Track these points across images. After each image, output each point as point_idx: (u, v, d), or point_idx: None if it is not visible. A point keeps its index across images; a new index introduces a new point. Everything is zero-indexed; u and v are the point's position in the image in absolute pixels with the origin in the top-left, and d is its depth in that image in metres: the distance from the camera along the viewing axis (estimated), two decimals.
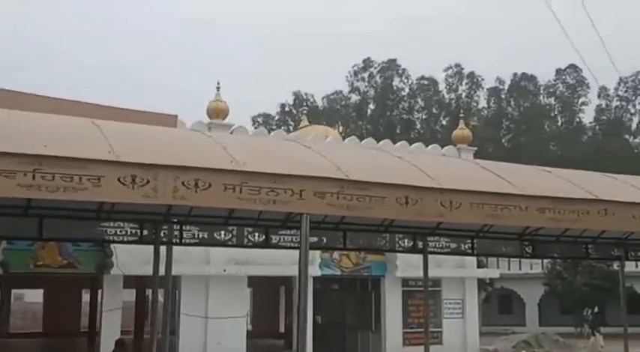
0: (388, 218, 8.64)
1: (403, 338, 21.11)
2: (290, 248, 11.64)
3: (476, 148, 22.42)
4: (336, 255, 20.33)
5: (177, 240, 10.78)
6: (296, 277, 19.60)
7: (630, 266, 38.50)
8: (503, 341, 27.92)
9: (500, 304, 48.14)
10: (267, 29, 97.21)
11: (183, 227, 10.75)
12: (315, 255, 19.50)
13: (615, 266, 27.96)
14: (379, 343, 21.44)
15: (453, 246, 13.20)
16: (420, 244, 12.74)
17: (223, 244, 11.15)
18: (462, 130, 22.58)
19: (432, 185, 7.35)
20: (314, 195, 6.73)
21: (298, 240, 11.84)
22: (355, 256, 20.71)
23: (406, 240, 12.72)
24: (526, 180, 8.42)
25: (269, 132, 22.33)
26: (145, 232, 10.47)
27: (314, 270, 19.89)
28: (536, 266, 42.61)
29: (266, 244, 11.31)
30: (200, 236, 10.94)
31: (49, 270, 17.04)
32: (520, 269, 43.61)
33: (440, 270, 21.29)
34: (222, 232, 11.11)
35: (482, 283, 38.00)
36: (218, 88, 18.98)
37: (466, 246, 13.27)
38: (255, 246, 11.37)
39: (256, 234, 11.30)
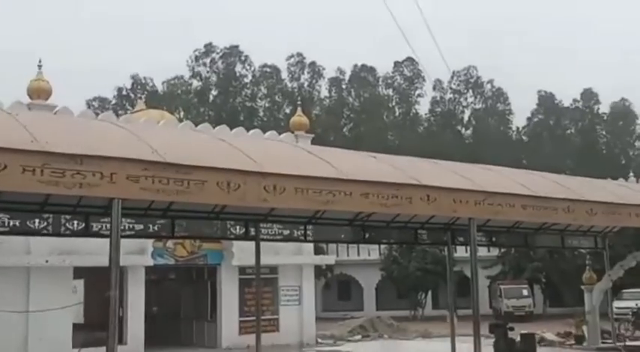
0: (210, 203, 8.30)
1: (239, 326, 20.91)
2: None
3: (313, 135, 22.55)
4: (170, 243, 19.72)
5: None
6: (128, 267, 19.03)
7: (460, 251, 40.62)
8: (340, 326, 28.43)
9: (339, 290, 49.17)
10: (104, 10, 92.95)
11: None
12: (147, 244, 18.81)
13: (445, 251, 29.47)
14: (215, 332, 21.11)
15: (286, 232, 13.10)
16: (253, 231, 12.53)
17: (37, 233, 10.36)
18: (299, 117, 22.61)
19: (254, 169, 7.11)
20: (126, 179, 6.28)
21: (122, 227, 11.38)
22: (190, 244, 20.21)
23: (238, 227, 12.45)
24: (351, 166, 8.38)
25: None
26: None
27: (146, 260, 19.21)
28: (373, 253, 43.85)
29: (86, 232, 10.63)
30: (11, 224, 10.08)
31: None
32: (358, 255, 44.73)
33: (277, 258, 21.28)
34: (37, 220, 10.31)
35: (321, 270, 38.68)
36: (40, 66, 17.74)
37: (299, 233, 13.22)
38: (74, 234, 10.67)
39: (75, 222, 10.59)
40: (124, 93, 66.14)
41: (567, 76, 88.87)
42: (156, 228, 11.49)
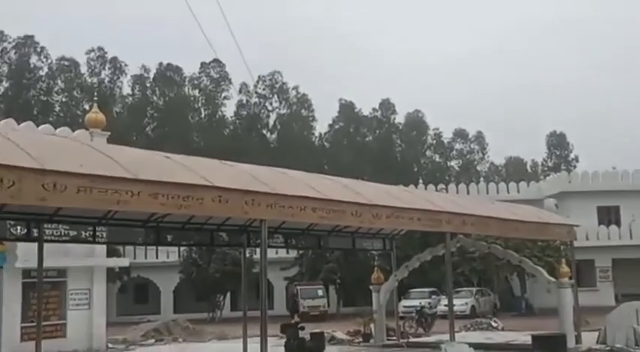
0: None
1: (21, 332, 19.60)
2: None
3: (109, 133, 21.70)
4: None
5: None
6: None
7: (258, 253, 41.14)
8: (134, 330, 27.61)
9: (136, 293, 47.83)
10: None
11: None
12: None
13: (248, 253, 29.64)
14: None
15: (73, 233, 12.45)
16: (36, 232, 11.77)
17: None
18: (95, 114, 21.65)
19: (32, 165, 6.68)
20: None
21: None
22: None
23: (19, 227, 11.65)
24: (142, 165, 8.16)
25: None
26: None
27: None
28: (172, 255, 42.93)
29: None
30: None
31: None
32: (157, 257, 43.66)
33: (66, 260, 20.26)
34: None
35: (117, 273, 37.34)
36: None
37: (87, 234, 12.62)
38: None
39: None
40: None
41: (367, 87, 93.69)
42: None
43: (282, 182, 10.08)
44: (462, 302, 34.33)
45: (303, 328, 16.78)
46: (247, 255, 17.74)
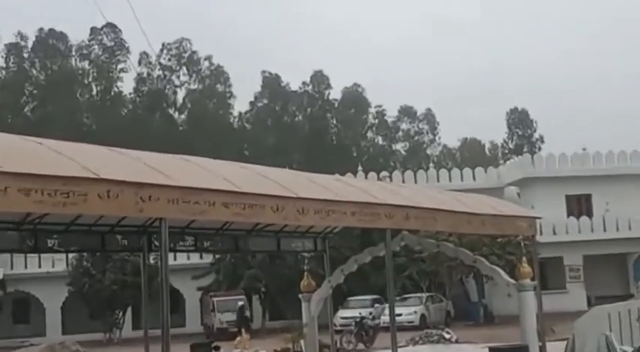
0: None
1: None
2: None
3: None
4: None
5: None
6: None
7: (169, 259, 40.76)
8: None
9: (15, 311, 46.84)
10: None
11: None
12: None
13: (152, 259, 29.17)
14: None
15: None
16: None
17: None
18: None
19: None
20: None
21: None
22: None
23: None
24: (10, 154, 7.93)
25: None
26: None
27: None
28: (59, 263, 42.24)
29: None
30: None
31: None
32: (39, 267, 42.84)
33: None
34: None
35: None
36: None
37: None
38: None
39: None
40: None
41: (296, 57, 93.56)
42: None
43: (186, 172, 9.96)
44: (409, 311, 34.84)
45: (218, 348, 16.70)
46: (151, 261, 17.51)
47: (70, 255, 38.99)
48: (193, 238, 16.00)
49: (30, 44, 68.14)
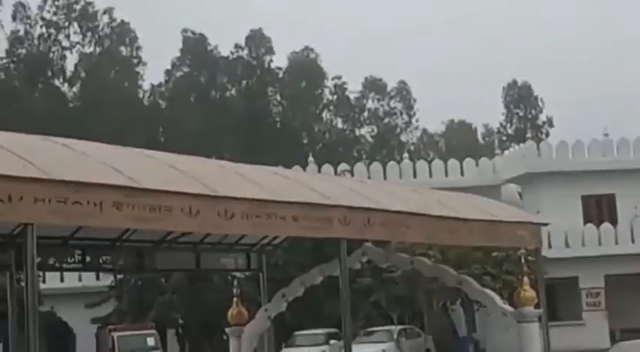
0: None
1: None
2: None
3: None
4: None
5: None
6: None
7: (53, 281, 40.25)
8: None
9: None
10: None
11: None
12: None
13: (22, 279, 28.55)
14: None
15: None
16: None
17: None
18: None
19: None
20: None
21: None
22: None
23: None
24: None
25: None
26: None
27: None
28: None
29: None
30: None
31: None
32: None
33: None
34: None
35: None
36: None
37: None
38: None
39: None
40: None
41: (226, 12, 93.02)
42: None
43: (65, 162, 9.69)
44: (376, 349, 34.71)
45: None
46: (22, 283, 17.14)
47: None
48: (81, 252, 15.70)
49: None
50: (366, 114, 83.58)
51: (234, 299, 20.92)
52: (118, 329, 39.80)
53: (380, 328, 37.27)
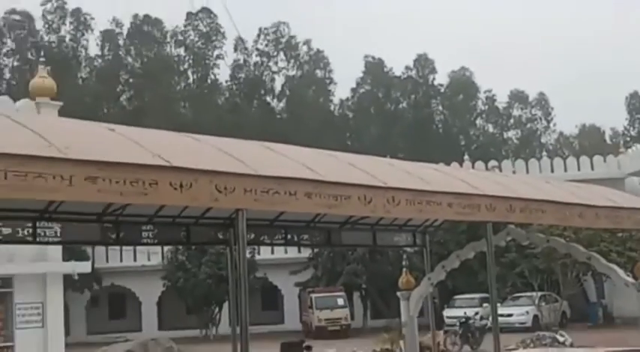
0: None
1: None
2: None
3: (61, 103, 21.53)
4: None
5: None
6: None
7: (265, 253, 41.10)
8: None
9: (111, 306, 48.01)
10: None
11: None
12: None
13: (249, 252, 29.41)
14: None
15: (7, 231, 12.24)
16: None
17: None
18: (42, 79, 21.44)
19: None
20: None
21: None
22: None
23: None
24: (75, 141, 7.88)
25: None
26: None
27: None
28: (154, 257, 43.02)
29: None
30: None
31: None
32: (135, 260, 43.78)
33: (11, 266, 20.24)
34: None
35: (85, 280, 37.41)
36: None
37: (25, 232, 12.41)
38: None
39: None
40: None
41: (399, 40, 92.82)
42: None
43: (265, 160, 9.76)
44: (521, 312, 34.11)
45: (309, 348, 16.55)
46: (248, 255, 17.54)
47: (165, 248, 39.69)
48: (284, 231, 15.92)
49: (125, 31, 69.64)
50: (511, 120, 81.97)
51: (404, 269, 20.83)
52: (315, 291, 40.29)
53: (524, 294, 36.54)
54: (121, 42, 69.74)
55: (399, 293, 19.98)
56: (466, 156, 46.92)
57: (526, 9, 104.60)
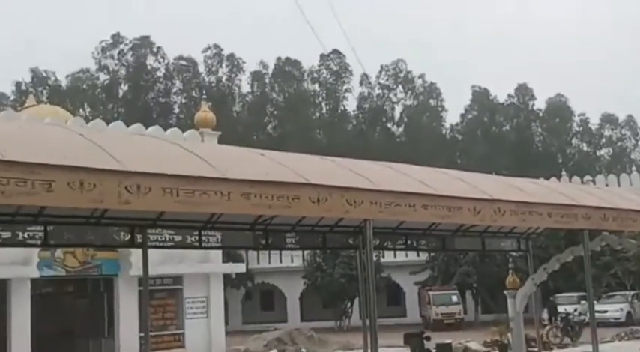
0: (62, 206, 7.92)
1: (140, 342, 20.35)
2: None
3: (219, 133, 22.18)
4: (59, 252, 19.05)
5: None
6: (11, 280, 18.32)
7: (389, 256, 40.92)
8: (256, 339, 28.12)
9: (261, 300, 48.85)
10: None
11: None
12: (32, 253, 18.09)
13: (375, 256, 29.48)
14: (112, 350, 20.53)
15: (178, 238, 12.69)
16: (139, 237, 12.07)
17: None
18: (204, 113, 22.19)
19: (112, 167, 6.77)
20: None
21: None
22: (82, 253, 19.55)
23: (122, 234, 11.99)
24: (232, 164, 8.13)
25: None
26: None
27: (32, 271, 18.51)
28: (296, 259, 43.63)
29: None
30: None
31: None
32: (280, 262, 44.45)
33: (182, 266, 20.91)
34: None
35: (241, 279, 38.30)
36: None
37: (193, 239, 12.83)
38: None
39: None
40: (24, 88, 64.04)
41: (501, 71, 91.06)
42: (26, 235, 10.97)
43: (388, 177, 9.81)
44: (615, 308, 32.76)
45: (428, 338, 16.39)
46: (374, 258, 17.56)
47: (305, 252, 40.18)
48: (404, 237, 15.87)
49: (270, 71, 71.04)
50: (603, 139, 78.96)
51: (510, 270, 20.45)
52: (432, 289, 39.88)
53: (617, 293, 35.04)
54: (267, 80, 71.12)
55: (506, 292, 19.62)
56: (563, 172, 45.47)
57: (614, 41, 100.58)
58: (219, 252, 21.83)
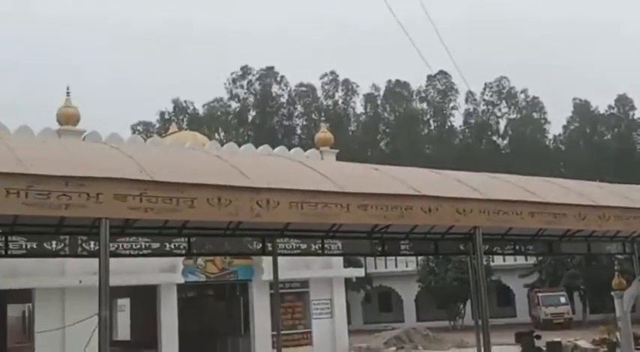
0: (202, 220, 8.20)
1: (272, 341, 20.71)
2: (130, 255, 11.01)
3: (337, 150, 22.36)
4: (200, 260, 19.68)
5: (3, 252, 9.93)
6: (160, 285, 19.09)
7: (498, 260, 39.96)
8: (376, 338, 28.12)
9: (380, 302, 48.79)
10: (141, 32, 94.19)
11: (9, 237, 9.91)
12: (178, 262, 18.80)
13: (485, 260, 28.90)
14: (249, 347, 20.97)
15: (304, 246, 12.89)
16: (270, 246, 12.36)
17: (55, 254, 10.36)
18: (323, 133, 22.46)
19: (245, 184, 6.98)
20: (114, 198, 6.21)
21: (139, 246, 11.36)
22: (220, 261, 20.12)
23: (255, 243, 12.31)
24: (349, 178, 8.20)
25: (145, 140, 21.23)
26: None
27: (177, 277, 19.22)
28: (411, 264, 43.21)
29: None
30: (28, 246, 10.11)
31: None
32: (396, 267, 44.15)
33: (308, 271, 21.15)
34: (54, 242, 10.32)
35: (361, 282, 38.41)
36: (68, 93, 17.97)
37: (316, 247, 13.00)
38: (91, 254, 10.63)
39: (92, 243, 10.57)
40: (167, 117, 66.92)
41: (601, 82, 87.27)
42: (172, 246, 11.43)
43: (494, 187, 9.60)
44: None
45: (539, 337, 15.85)
46: (484, 263, 17.20)
47: (419, 257, 39.80)
48: (512, 243, 15.46)
49: (381, 93, 71.14)
50: None
51: (616, 272, 19.52)
52: (541, 291, 38.64)
53: None
54: (379, 101, 71.20)
55: (612, 293, 18.74)
56: None
57: None
58: (341, 258, 21.92)
